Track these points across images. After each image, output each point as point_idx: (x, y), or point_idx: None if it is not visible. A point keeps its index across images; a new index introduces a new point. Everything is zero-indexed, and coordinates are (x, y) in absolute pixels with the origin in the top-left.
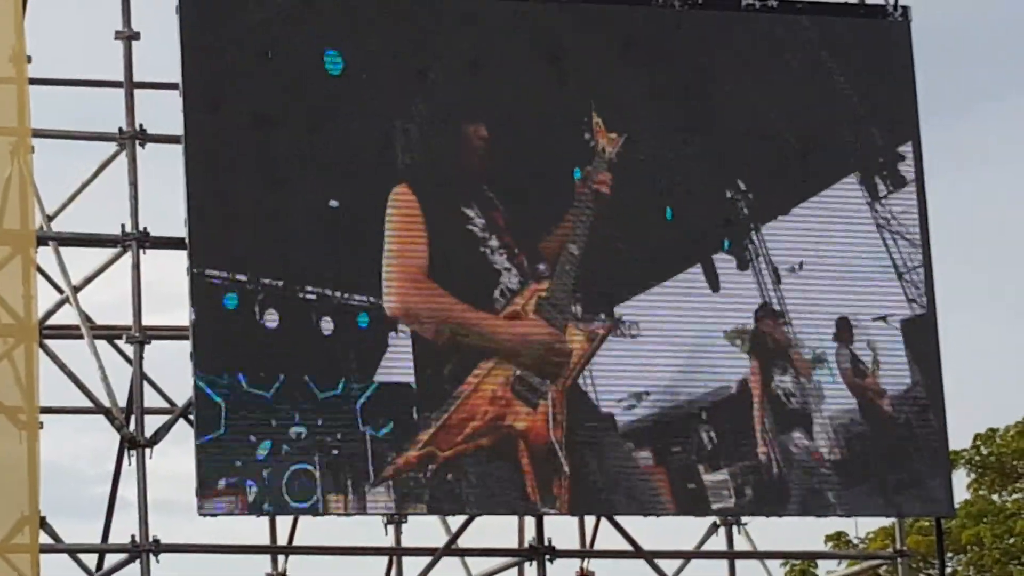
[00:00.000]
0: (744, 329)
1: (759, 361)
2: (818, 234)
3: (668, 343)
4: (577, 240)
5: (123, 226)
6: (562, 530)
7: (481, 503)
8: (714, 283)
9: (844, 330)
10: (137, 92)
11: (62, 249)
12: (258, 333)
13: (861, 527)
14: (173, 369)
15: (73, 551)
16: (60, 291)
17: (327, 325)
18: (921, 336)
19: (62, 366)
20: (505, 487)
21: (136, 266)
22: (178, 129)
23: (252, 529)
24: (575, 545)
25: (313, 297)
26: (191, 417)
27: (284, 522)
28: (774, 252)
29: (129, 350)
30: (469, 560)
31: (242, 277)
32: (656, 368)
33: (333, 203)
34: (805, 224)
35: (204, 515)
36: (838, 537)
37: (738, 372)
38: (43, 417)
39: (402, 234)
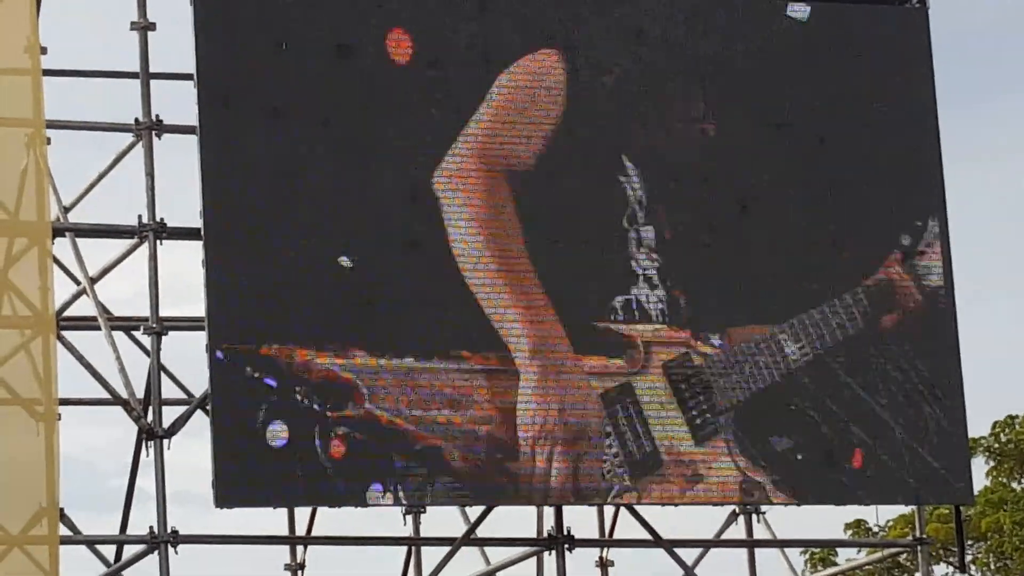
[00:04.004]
0: None
1: None
2: None
3: None
4: None
5: (140, 217)
6: (581, 519)
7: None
8: None
9: None
10: (153, 83)
11: (79, 240)
12: None
13: (881, 515)
14: (190, 360)
15: (91, 543)
16: (77, 282)
17: None
18: None
19: (79, 357)
20: None
21: (153, 257)
22: (195, 119)
23: (270, 520)
24: (594, 534)
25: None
26: (208, 408)
27: (302, 513)
28: None
29: (146, 341)
30: (488, 550)
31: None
32: None
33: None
34: None
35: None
36: (857, 525)
37: None
38: (60, 409)
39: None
